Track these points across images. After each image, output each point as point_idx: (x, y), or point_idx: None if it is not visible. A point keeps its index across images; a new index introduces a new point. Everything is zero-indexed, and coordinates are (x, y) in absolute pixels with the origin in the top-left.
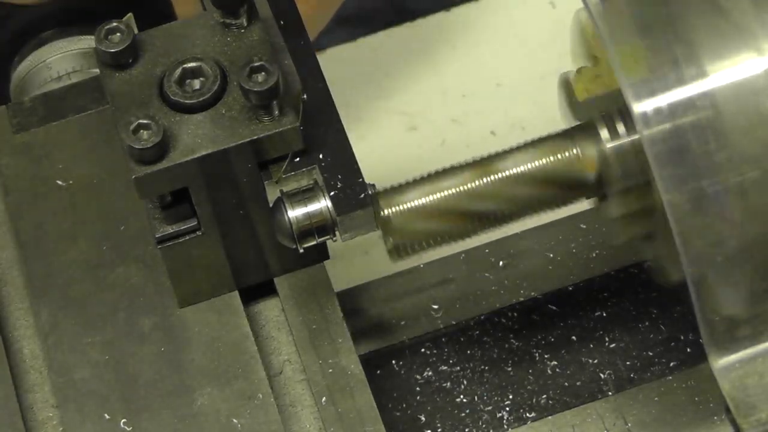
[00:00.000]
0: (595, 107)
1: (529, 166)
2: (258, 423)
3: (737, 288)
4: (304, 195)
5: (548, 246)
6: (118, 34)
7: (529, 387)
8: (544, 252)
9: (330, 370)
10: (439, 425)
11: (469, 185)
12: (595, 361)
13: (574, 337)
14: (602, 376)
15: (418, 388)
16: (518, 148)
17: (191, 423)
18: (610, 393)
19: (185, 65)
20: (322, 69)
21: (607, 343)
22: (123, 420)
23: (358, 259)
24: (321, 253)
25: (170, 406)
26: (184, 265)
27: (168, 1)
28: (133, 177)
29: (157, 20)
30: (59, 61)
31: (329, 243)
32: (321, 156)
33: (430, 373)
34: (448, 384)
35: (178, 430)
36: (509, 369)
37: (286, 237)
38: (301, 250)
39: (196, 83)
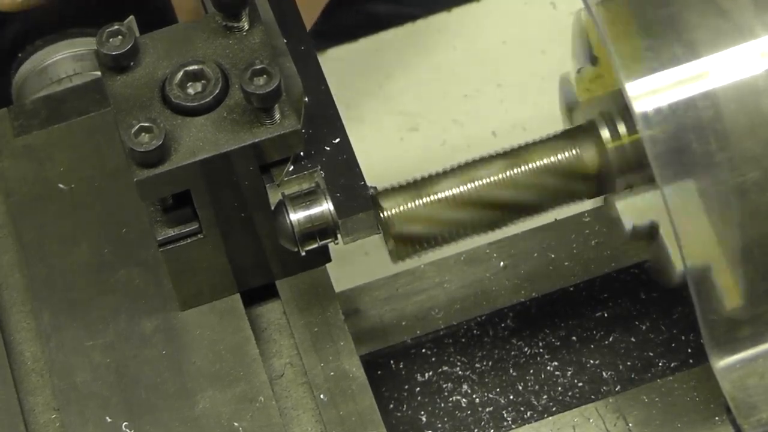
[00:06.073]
0: (596, 107)
1: (530, 166)
2: (259, 426)
3: (738, 288)
4: (306, 198)
5: (549, 246)
6: (120, 36)
7: (530, 387)
8: (544, 252)
9: (332, 373)
10: (439, 425)
11: (469, 186)
12: (596, 362)
13: (574, 338)
14: (603, 376)
15: (418, 389)
16: (519, 149)
17: (193, 426)
18: (611, 393)
19: (187, 68)
20: (323, 70)
21: (608, 344)
22: (124, 423)
23: (359, 260)
24: (322, 256)
25: (172, 409)
26: (185, 268)
27: (169, 3)
28: (135, 180)
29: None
30: (60, 63)
31: (330, 244)
32: (323, 158)
33: (431, 373)
34: (449, 384)
35: None
36: (510, 369)
37: (288, 240)
38: (303, 253)
39: (198, 86)
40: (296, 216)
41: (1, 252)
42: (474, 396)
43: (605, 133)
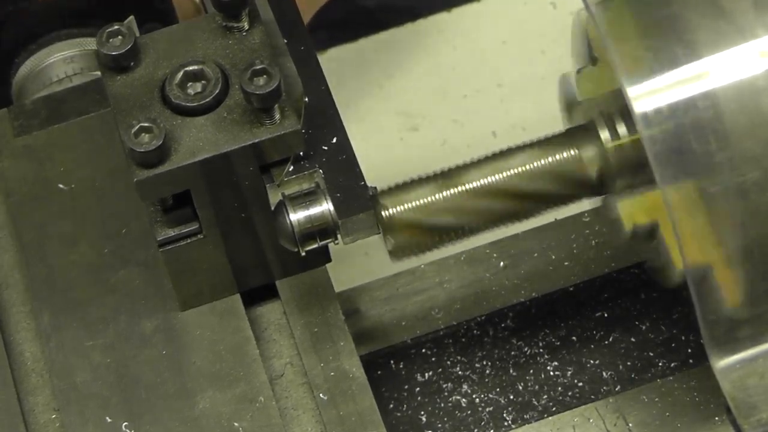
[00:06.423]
0: (596, 107)
1: (530, 166)
2: (259, 426)
3: (738, 288)
4: (306, 198)
5: (549, 246)
6: (120, 36)
7: (530, 387)
8: (544, 252)
9: (332, 373)
10: (439, 425)
11: (470, 185)
12: (596, 362)
13: (575, 338)
14: (603, 376)
15: (418, 389)
16: (519, 149)
17: (193, 426)
18: (611, 393)
19: (187, 68)
20: (323, 70)
21: (608, 344)
22: (124, 423)
23: (359, 260)
24: (322, 256)
25: (172, 409)
26: (185, 268)
27: (169, 3)
28: (135, 180)
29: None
30: (60, 63)
31: (330, 244)
32: (323, 158)
33: (431, 373)
34: (449, 384)
35: None
36: (510, 369)
37: (288, 240)
38: (303, 254)
39: (198, 86)
40: (296, 216)
41: (1, 252)
42: (474, 396)
43: (605, 133)
